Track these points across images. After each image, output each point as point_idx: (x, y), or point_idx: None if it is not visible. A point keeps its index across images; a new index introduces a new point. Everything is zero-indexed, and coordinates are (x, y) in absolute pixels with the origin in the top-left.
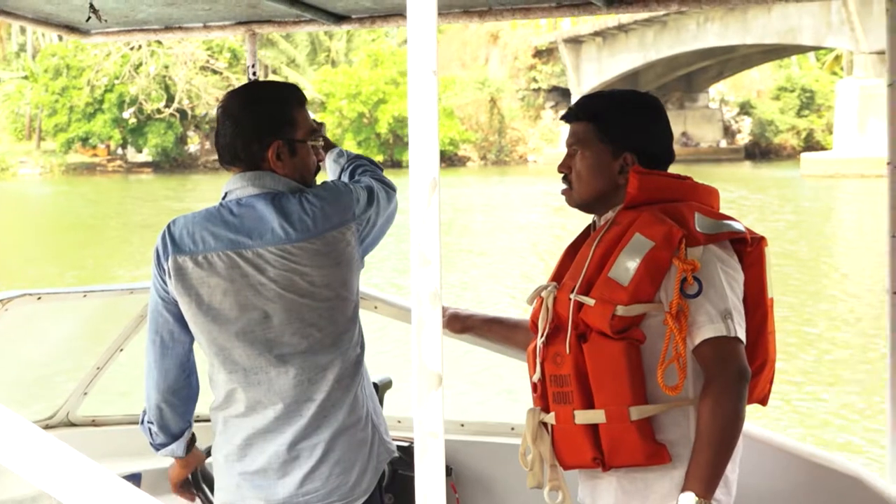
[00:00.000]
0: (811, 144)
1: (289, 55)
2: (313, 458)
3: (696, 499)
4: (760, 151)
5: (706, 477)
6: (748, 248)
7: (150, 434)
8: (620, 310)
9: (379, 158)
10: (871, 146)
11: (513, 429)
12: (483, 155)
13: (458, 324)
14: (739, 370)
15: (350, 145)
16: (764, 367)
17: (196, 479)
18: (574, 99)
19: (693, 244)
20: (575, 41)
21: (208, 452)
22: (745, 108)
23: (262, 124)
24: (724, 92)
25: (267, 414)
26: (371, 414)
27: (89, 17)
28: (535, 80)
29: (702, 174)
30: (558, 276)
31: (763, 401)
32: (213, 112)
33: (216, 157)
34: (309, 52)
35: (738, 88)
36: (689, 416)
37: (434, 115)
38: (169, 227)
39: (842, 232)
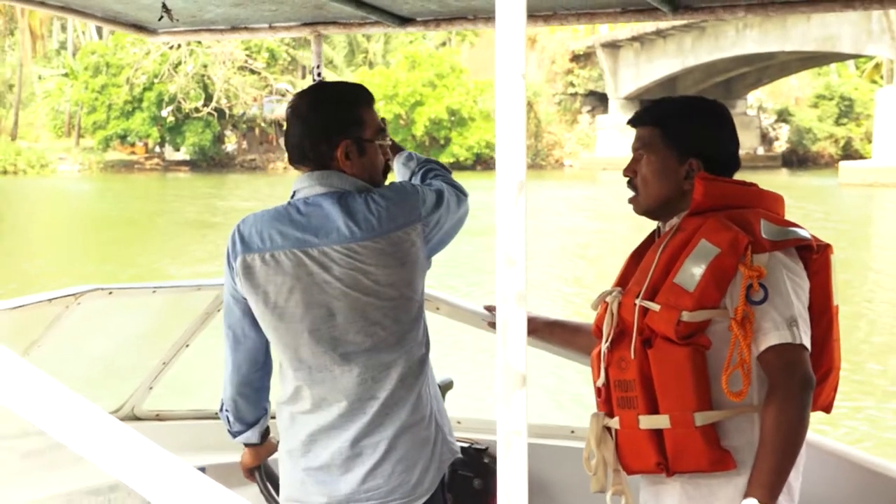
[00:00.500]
0: (849, 153)
1: (327, 56)
2: (376, 456)
3: None
4: (798, 159)
5: (769, 484)
6: (814, 256)
7: (228, 422)
8: (686, 315)
9: None
10: None
11: (573, 432)
12: None
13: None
14: (804, 378)
15: None
16: (829, 374)
17: (261, 474)
18: (611, 104)
19: (759, 251)
20: (613, 46)
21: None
22: (782, 116)
23: (330, 124)
24: (762, 99)
25: (332, 411)
26: (435, 413)
27: (161, 17)
28: (572, 84)
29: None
30: (623, 282)
31: (827, 408)
32: (251, 111)
33: (253, 156)
34: (346, 54)
35: (776, 96)
36: (754, 422)
37: (521, 118)
38: (239, 226)
39: (887, 241)
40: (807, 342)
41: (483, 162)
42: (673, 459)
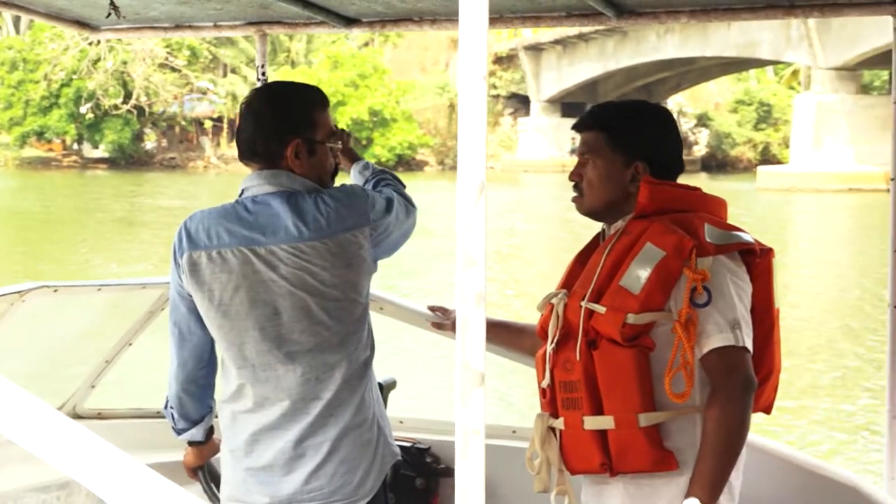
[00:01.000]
0: (767, 158)
1: (248, 55)
2: (319, 457)
3: None
4: (717, 163)
5: (711, 483)
6: (757, 260)
7: (173, 419)
8: (631, 318)
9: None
10: (828, 161)
11: (514, 432)
12: (441, 160)
13: None
14: (746, 379)
15: None
16: (770, 376)
17: (204, 474)
18: (533, 107)
19: (703, 254)
20: (535, 49)
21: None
22: (702, 120)
23: (283, 122)
24: (682, 103)
25: (274, 410)
26: (378, 416)
27: (109, 14)
28: (494, 86)
29: None
30: (568, 284)
31: (768, 410)
32: (171, 109)
33: (173, 154)
34: (268, 52)
35: (696, 100)
36: (696, 423)
37: (483, 120)
38: (186, 223)
39: (802, 244)
40: (749, 345)
41: (405, 163)
42: (616, 460)
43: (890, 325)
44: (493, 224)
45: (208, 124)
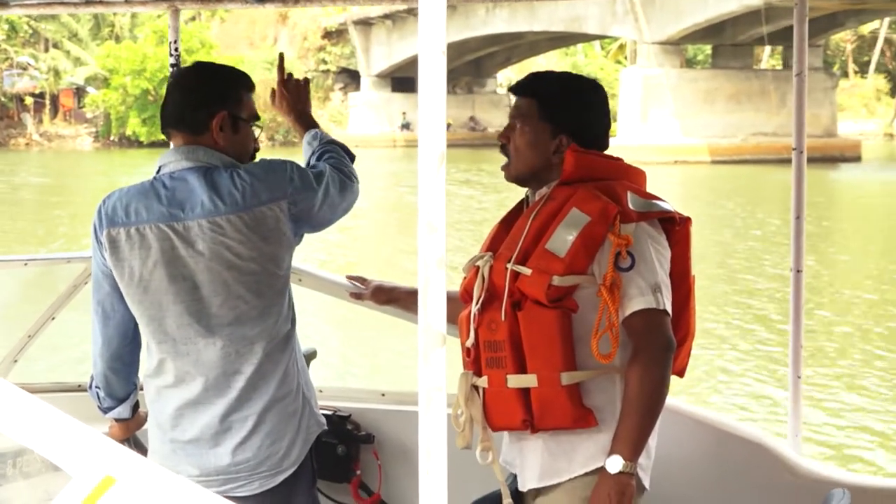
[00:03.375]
0: None
1: (71, 29)
2: (245, 430)
3: (623, 462)
4: None
5: (633, 441)
6: (676, 228)
7: (98, 398)
8: (556, 280)
9: (163, 137)
10: (653, 134)
11: None
12: (271, 136)
13: (384, 295)
14: (666, 341)
15: (134, 122)
16: (685, 339)
17: (130, 447)
18: (363, 81)
19: (626, 221)
20: (365, 23)
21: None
22: None
23: (213, 94)
24: (511, 78)
25: (195, 385)
26: (303, 387)
27: None
28: (324, 61)
29: (490, 158)
30: (493, 247)
31: (681, 372)
32: None
33: None
34: (92, 27)
35: (525, 74)
36: (616, 383)
37: (442, 93)
38: (104, 201)
39: None
40: (669, 308)
41: None
42: (538, 417)
43: (792, 289)
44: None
45: (29, 101)
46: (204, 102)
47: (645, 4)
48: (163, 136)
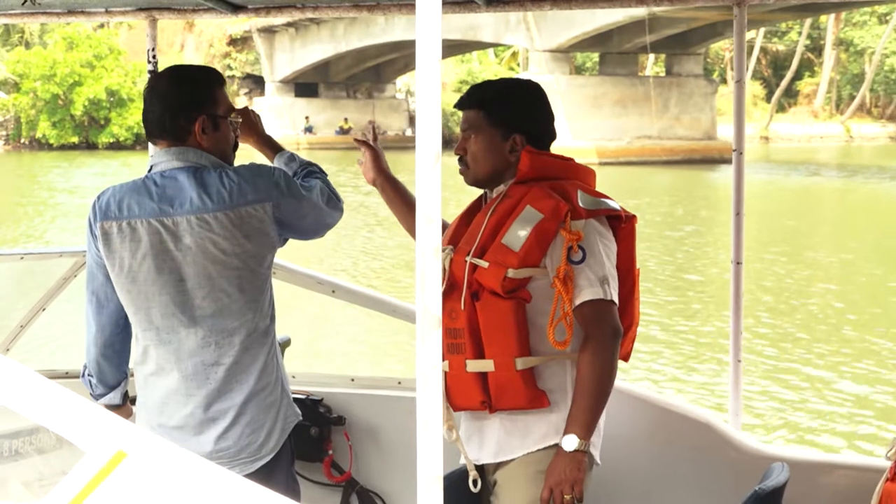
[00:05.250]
0: None
1: None
2: (227, 420)
3: (578, 440)
4: (444, 140)
5: (586, 421)
6: (622, 224)
7: (91, 386)
8: (511, 272)
9: (74, 140)
10: None
11: (399, 383)
12: None
13: (380, 163)
14: (614, 329)
15: (45, 126)
16: (630, 327)
17: None
18: (268, 87)
19: (576, 217)
20: (269, 31)
21: (133, 401)
22: None
23: (189, 101)
24: (409, 84)
25: (175, 373)
26: (281, 379)
27: (25, 2)
28: (230, 67)
29: (389, 161)
30: (454, 241)
31: (626, 357)
32: None
33: None
34: (2, 33)
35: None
36: (567, 367)
37: (438, 98)
38: (99, 197)
39: None
40: (616, 298)
41: (142, 142)
42: (495, 398)
43: (733, 280)
44: None
45: None
46: (182, 110)
47: (536, 14)
48: (73, 139)
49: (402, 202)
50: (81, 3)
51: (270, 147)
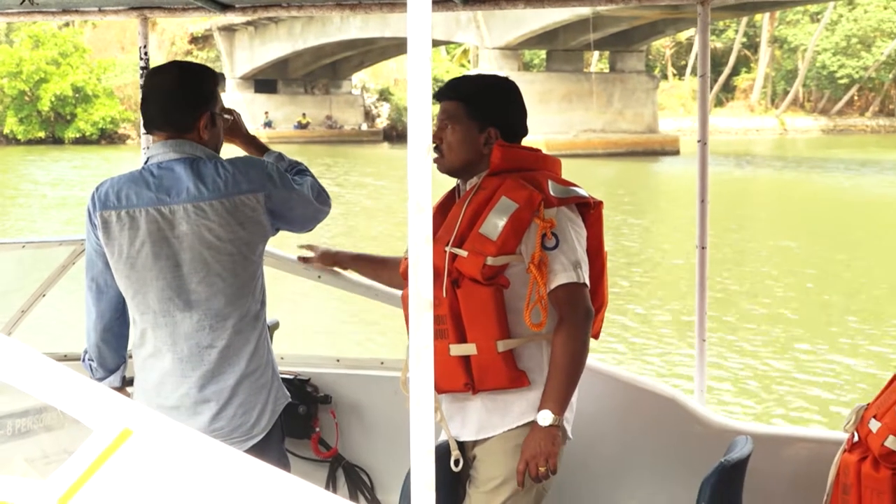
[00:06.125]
0: None
1: None
2: (221, 401)
3: (553, 416)
4: (397, 134)
5: (560, 398)
6: (590, 211)
7: (91, 370)
8: (490, 260)
9: (41, 135)
10: None
11: (382, 363)
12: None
13: (329, 259)
14: (586, 310)
15: (12, 121)
16: (600, 308)
17: None
18: (228, 83)
19: (548, 206)
20: (229, 29)
21: (129, 383)
22: (383, 95)
23: (198, 96)
24: (365, 80)
25: (171, 356)
26: (272, 362)
27: (23, 1)
28: None
29: (346, 154)
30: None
31: (596, 335)
32: None
33: None
34: None
35: (377, 77)
36: (543, 348)
37: (428, 94)
38: (97, 187)
39: None
40: (587, 281)
41: (107, 136)
42: (478, 380)
43: (698, 264)
44: None
45: None
46: (190, 105)
47: (486, 13)
48: (39, 134)
49: (366, 263)
50: (76, 3)
51: (255, 147)
